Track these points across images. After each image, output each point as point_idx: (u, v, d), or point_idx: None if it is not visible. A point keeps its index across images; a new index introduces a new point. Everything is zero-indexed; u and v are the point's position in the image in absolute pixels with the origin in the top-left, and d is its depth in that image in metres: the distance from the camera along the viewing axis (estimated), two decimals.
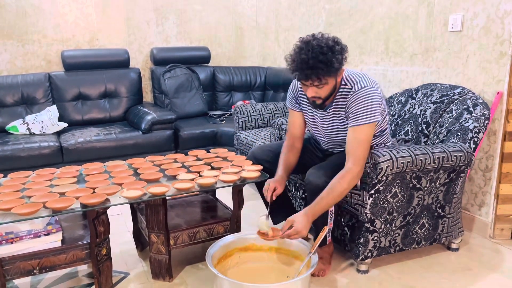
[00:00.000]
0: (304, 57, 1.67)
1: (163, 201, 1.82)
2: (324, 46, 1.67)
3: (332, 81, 1.76)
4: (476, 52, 2.33)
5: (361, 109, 1.77)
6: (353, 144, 1.78)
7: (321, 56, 1.65)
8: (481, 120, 2.07)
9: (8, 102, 3.47)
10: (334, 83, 1.78)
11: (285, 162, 2.02)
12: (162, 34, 4.20)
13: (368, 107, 1.76)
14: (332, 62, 1.66)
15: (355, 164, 1.75)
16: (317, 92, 1.76)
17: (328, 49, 1.67)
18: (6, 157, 2.98)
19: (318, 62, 1.65)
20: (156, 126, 3.44)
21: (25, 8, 3.62)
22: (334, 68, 1.68)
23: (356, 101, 1.78)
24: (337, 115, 1.90)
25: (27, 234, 1.67)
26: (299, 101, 2.03)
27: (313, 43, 1.69)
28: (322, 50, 1.66)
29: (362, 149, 1.77)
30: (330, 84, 1.76)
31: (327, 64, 1.66)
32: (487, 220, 2.37)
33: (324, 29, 3.49)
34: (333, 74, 1.72)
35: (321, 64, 1.65)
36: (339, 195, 1.75)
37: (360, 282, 1.95)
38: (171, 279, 1.95)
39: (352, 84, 1.81)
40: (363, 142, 1.77)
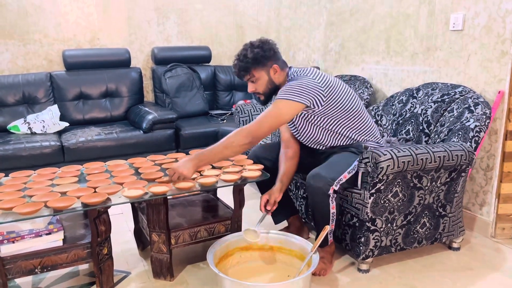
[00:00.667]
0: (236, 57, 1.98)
1: (164, 200, 1.82)
2: (248, 45, 1.96)
3: (263, 76, 1.96)
4: (478, 51, 2.33)
5: (283, 89, 1.90)
6: (263, 113, 1.86)
7: (249, 51, 1.94)
8: (482, 119, 2.07)
9: (9, 101, 3.47)
10: (266, 78, 1.96)
11: (282, 171, 2.07)
12: (163, 33, 4.20)
13: (292, 87, 1.87)
14: (246, 55, 1.92)
15: (253, 124, 1.84)
16: (254, 87, 1.98)
17: (257, 46, 1.94)
18: (7, 157, 2.98)
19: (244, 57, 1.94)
20: (157, 125, 3.44)
21: (26, 7, 3.62)
22: (261, 62, 1.92)
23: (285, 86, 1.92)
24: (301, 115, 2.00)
25: (29, 233, 1.68)
26: None
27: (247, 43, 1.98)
28: (245, 47, 1.96)
29: (265, 116, 1.84)
30: (263, 79, 1.96)
31: (245, 57, 1.93)
32: (488, 220, 2.36)
33: (325, 28, 3.49)
34: (257, 68, 1.93)
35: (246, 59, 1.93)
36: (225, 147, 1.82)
37: (361, 282, 1.95)
38: (172, 278, 1.95)
39: (294, 76, 1.97)
40: (270, 113, 1.85)
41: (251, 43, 1.97)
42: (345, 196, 2.00)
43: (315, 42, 3.67)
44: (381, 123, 2.58)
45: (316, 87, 1.88)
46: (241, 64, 1.94)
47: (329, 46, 3.50)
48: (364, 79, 3.08)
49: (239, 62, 1.95)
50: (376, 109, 2.65)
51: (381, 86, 3.03)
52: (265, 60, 1.94)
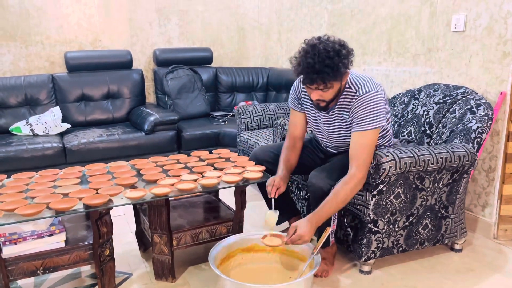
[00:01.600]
0: (310, 61, 1.64)
1: (166, 202, 1.82)
2: (330, 50, 1.64)
3: (337, 85, 1.76)
4: (479, 52, 2.33)
5: (365, 114, 1.76)
6: (358, 149, 1.76)
7: (327, 61, 1.63)
8: (484, 121, 2.06)
9: (11, 103, 3.48)
10: (339, 86, 1.77)
11: (286, 161, 2.01)
12: (164, 35, 4.20)
13: (373, 113, 1.75)
14: (338, 67, 1.65)
15: (358, 169, 1.74)
16: (322, 95, 1.75)
17: (334, 53, 1.64)
18: (9, 158, 2.99)
19: (325, 67, 1.63)
20: (158, 127, 3.44)
21: (28, 9, 3.63)
22: (340, 72, 1.67)
23: (361, 106, 1.77)
24: (340, 118, 1.90)
25: (31, 234, 1.68)
26: (302, 101, 2.03)
27: (320, 47, 1.65)
28: (329, 54, 1.64)
29: (366, 155, 1.76)
30: (335, 88, 1.75)
31: (333, 69, 1.64)
32: (491, 221, 2.36)
33: (327, 29, 3.49)
34: (338, 78, 1.70)
35: (327, 69, 1.63)
36: (343, 201, 1.74)
37: (363, 283, 1.95)
38: (174, 279, 1.95)
39: (357, 88, 1.80)
40: (368, 147, 1.76)
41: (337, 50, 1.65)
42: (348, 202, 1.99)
43: None
44: None
45: (385, 106, 1.80)
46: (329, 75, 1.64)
47: None
48: None
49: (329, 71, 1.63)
50: None
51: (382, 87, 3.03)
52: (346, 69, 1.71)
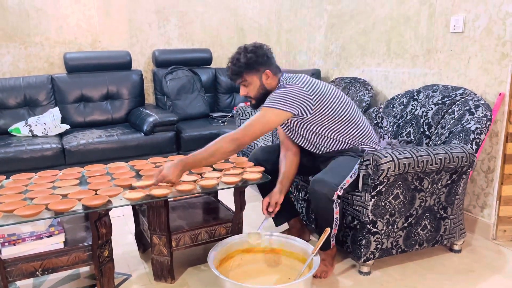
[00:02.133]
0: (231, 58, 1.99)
1: (165, 203, 1.82)
2: (242, 49, 1.96)
3: (255, 81, 1.96)
4: (478, 53, 2.33)
5: (272, 95, 1.91)
6: (250, 120, 1.89)
7: (237, 56, 1.96)
8: (483, 121, 2.07)
9: (10, 104, 3.48)
10: (258, 83, 1.97)
11: (282, 173, 2.07)
12: (164, 36, 4.20)
13: (278, 96, 1.89)
14: (239, 59, 1.93)
15: (238, 132, 1.86)
16: (246, 91, 2.00)
17: (251, 50, 1.94)
18: (8, 159, 2.99)
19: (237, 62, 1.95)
20: (158, 127, 3.44)
21: (28, 10, 3.63)
22: (254, 67, 1.93)
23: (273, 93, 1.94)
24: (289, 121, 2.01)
25: (30, 235, 1.68)
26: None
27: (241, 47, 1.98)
28: (239, 51, 1.96)
29: (251, 123, 1.86)
30: (255, 84, 1.97)
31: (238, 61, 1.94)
32: (490, 222, 2.36)
33: (326, 30, 3.50)
34: (249, 72, 1.94)
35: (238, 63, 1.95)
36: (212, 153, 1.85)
37: (362, 284, 1.95)
38: (173, 280, 1.95)
39: (283, 83, 1.98)
40: (257, 120, 1.87)
41: (245, 47, 1.97)
42: (346, 198, 2.00)
43: (316, 44, 3.68)
44: (382, 125, 2.58)
45: (303, 95, 1.89)
46: (234, 68, 1.96)
47: (330, 49, 3.51)
48: (364, 81, 3.09)
49: (232, 65, 1.97)
50: (377, 111, 2.65)
51: (381, 88, 3.04)
52: (257, 66, 1.94)
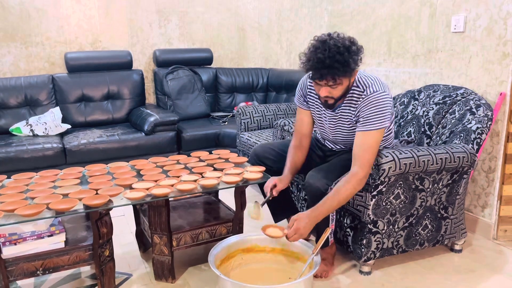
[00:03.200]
0: (320, 56, 1.64)
1: (165, 202, 1.82)
2: (341, 46, 1.65)
3: (346, 82, 1.75)
4: (479, 53, 2.33)
5: (371, 114, 1.76)
6: (361, 149, 1.77)
7: (337, 56, 1.63)
8: (484, 121, 2.06)
9: (11, 104, 3.48)
10: (347, 83, 1.76)
11: (291, 161, 2.02)
12: (164, 35, 4.21)
13: (379, 113, 1.76)
14: (348, 63, 1.65)
15: (361, 168, 1.74)
16: (331, 92, 1.75)
17: (344, 49, 1.65)
18: (9, 159, 2.99)
19: (335, 62, 1.63)
20: (158, 127, 3.45)
21: (29, 10, 3.64)
22: (350, 68, 1.67)
23: (367, 106, 1.77)
24: (345, 117, 1.90)
25: (31, 235, 1.68)
26: (307, 99, 2.02)
27: (330, 43, 1.65)
28: (339, 50, 1.64)
29: (369, 154, 1.76)
30: (344, 85, 1.74)
31: (344, 65, 1.64)
32: (490, 222, 2.36)
33: (326, 30, 3.50)
34: (348, 75, 1.70)
35: (337, 64, 1.63)
36: (344, 199, 1.75)
37: (363, 284, 1.95)
38: (173, 280, 1.95)
39: (364, 87, 1.80)
40: (371, 148, 1.76)
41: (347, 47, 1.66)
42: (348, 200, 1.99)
43: None
44: None
45: (391, 106, 1.80)
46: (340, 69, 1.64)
47: None
48: None
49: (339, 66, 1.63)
50: None
51: None
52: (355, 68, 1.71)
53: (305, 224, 1.71)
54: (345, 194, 1.74)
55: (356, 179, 1.74)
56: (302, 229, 1.71)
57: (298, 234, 1.71)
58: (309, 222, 1.72)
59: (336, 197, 1.74)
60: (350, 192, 1.75)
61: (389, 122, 1.80)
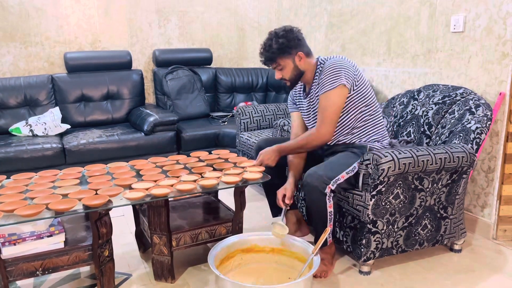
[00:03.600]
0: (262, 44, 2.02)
1: (165, 202, 1.82)
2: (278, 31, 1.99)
3: (289, 64, 2.00)
4: (478, 53, 2.33)
5: (325, 78, 1.94)
6: (322, 110, 1.95)
7: (268, 43, 1.99)
8: (483, 121, 2.07)
9: (11, 104, 3.48)
10: (292, 65, 2.00)
11: (291, 165, 2.14)
12: (164, 35, 4.20)
13: (332, 75, 1.93)
14: (282, 45, 1.95)
15: (320, 127, 1.95)
16: (281, 74, 2.03)
17: (281, 35, 1.97)
18: (9, 159, 2.99)
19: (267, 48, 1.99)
20: (158, 127, 3.44)
21: (28, 10, 3.64)
22: (286, 50, 1.96)
23: (323, 71, 1.97)
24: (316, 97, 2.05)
25: (30, 235, 1.68)
26: (295, 100, 2.25)
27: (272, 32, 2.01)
28: (277, 35, 1.98)
29: (329, 112, 1.93)
30: (289, 67, 2.00)
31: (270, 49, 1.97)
32: (490, 221, 2.36)
33: (326, 30, 3.50)
34: (282, 57, 1.97)
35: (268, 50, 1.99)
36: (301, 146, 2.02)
37: (362, 284, 1.95)
38: (173, 280, 1.95)
39: (324, 61, 2.03)
40: (330, 106, 1.93)
41: (276, 32, 1.99)
42: (346, 197, 2.00)
43: (316, 44, 3.67)
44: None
45: (351, 69, 1.96)
46: (267, 54, 1.99)
47: (330, 48, 3.51)
48: None
49: (265, 52, 2.00)
50: None
51: (382, 88, 3.04)
52: (290, 49, 1.98)
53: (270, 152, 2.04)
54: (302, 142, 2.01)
55: (315, 134, 1.97)
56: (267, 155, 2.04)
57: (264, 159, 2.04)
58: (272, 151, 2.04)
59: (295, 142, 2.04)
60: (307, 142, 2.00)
61: (344, 79, 1.91)
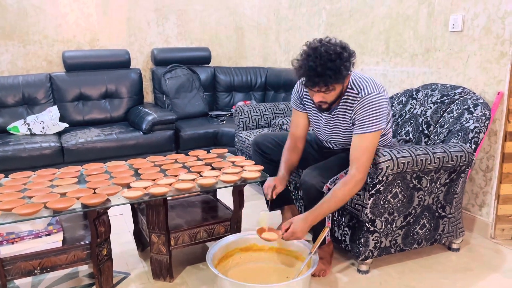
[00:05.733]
0: (312, 64, 1.64)
1: (163, 201, 1.82)
2: (332, 53, 1.64)
3: (339, 87, 1.75)
4: (477, 52, 2.33)
5: (367, 116, 1.76)
6: (358, 152, 1.77)
7: (329, 64, 1.63)
8: (481, 120, 2.07)
9: (9, 102, 3.47)
10: (341, 88, 1.77)
11: (287, 161, 2.03)
12: (162, 34, 4.20)
13: (375, 115, 1.76)
14: (340, 70, 1.65)
15: (358, 171, 1.75)
16: (324, 97, 1.76)
17: (336, 56, 1.64)
18: (7, 158, 2.98)
19: (327, 70, 1.63)
20: (156, 126, 3.44)
21: (26, 8, 3.63)
22: (342, 75, 1.67)
23: (363, 108, 1.77)
24: (341, 119, 1.90)
25: (28, 234, 1.68)
26: (304, 101, 2.03)
27: (321, 50, 1.65)
28: (331, 57, 1.63)
29: (366, 157, 1.76)
30: (337, 90, 1.75)
31: (335, 72, 1.64)
32: (488, 220, 2.36)
33: (325, 29, 3.50)
34: (340, 81, 1.71)
35: (329, 72, 1.63)
36: (341, 201, 1.77)
37: (361, 282, 1.95)
38: (171, 279, 1.95)
39: (359, 89, 1.80)
40: (368, 150, 1.77)
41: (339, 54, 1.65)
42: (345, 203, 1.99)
43: None
44: None
45: (387, 109, 1.80)
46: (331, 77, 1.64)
47: None
48: None
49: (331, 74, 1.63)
50: None
51: None
52: (347, 73, 1.71)
53: (302, 227, 1.73)
54: (342, 197, 1.75)
55: (353, 182, 1.74)
56: (299, 232, 1.73)
57: (295, 237, 1.74)
58: (305, 225, 1.74)
59: (333, 199, 1.75)
60: (347, 195, 1.75)
61: (385, 123, 1.80)
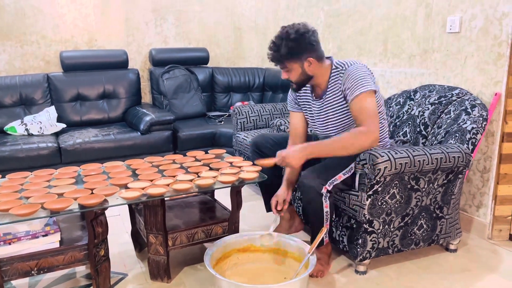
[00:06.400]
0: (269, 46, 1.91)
1: (161, 202, 1.82)
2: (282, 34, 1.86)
3: (297, 68, 1.89)
4: (474, 54, 2.34)
5: (355, 80, 1.85)
6: (360, 111, 1.82)
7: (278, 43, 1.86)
8: (479, 121, 2.07)
9: (6, 103, 3.47)
10: (300, 70, 1.89)
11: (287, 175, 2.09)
12: (160, 35, 4.20)
13: (361, 77, 1.85)
14: (279, 48, 1.85)
15: (365, 124, 1.79)
16: (288, 75, 1.93)
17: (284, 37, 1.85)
18: (4, 158, 2.98)
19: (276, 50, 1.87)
20: (154, 127, 3.44)
21: (24, 9, 3.62)
22: (283, 53, 1.84)
23: (349, 76, 1.87)
24: (331, 101, 1.97)
25: (25, 235, 1.67)
26: (297, 100, 2.13)
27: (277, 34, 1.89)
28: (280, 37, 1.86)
29: (368, 114, 1.80)
30: (296, 70, 1.89)
31: (279, 50, 1.86)
32: (485, 221, 2.37)
33: (323, 30, 3.50)
34: (291, 61, 1.86)
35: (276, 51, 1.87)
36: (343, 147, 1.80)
37: (359, 283, 1.95)
38: (169, 280, 1.95)
39: (343, 65, 1.93)
40: (368, 108, 1.81)
41: (288, 33, 1.85)
42: (342, 197, 2.00)
43: None
44: None
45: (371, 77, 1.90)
46: (274, 55, 1.89)
47: (327, 48, 3.51)
48: None
49: (273, 52, 1.89)
50: None
51: None
52: (299, 54, 1.86)
53: (294, 155, 1.80)
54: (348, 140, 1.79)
55: (361, 131, 1.79)
56: (291, 157, 1.79)
57: (285, 162, 1.81)
58: (300, 154, 1.80)
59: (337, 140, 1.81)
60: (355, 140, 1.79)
61: (373, 85, 1.85)
